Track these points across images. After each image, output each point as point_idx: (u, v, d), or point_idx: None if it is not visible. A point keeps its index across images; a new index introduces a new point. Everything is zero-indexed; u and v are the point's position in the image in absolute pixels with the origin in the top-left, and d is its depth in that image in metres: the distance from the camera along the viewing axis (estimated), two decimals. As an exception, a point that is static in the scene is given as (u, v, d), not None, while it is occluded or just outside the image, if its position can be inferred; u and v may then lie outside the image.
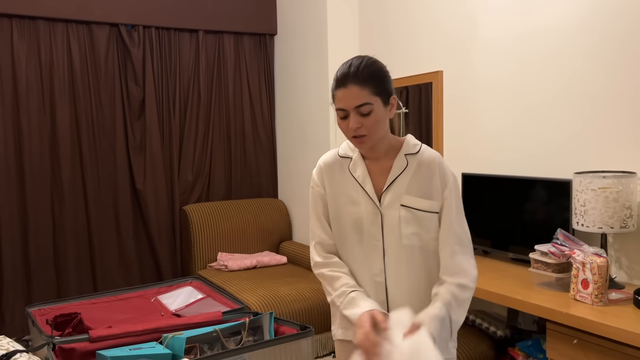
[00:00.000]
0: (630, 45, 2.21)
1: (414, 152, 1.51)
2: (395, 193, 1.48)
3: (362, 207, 1.50)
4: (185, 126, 4.17)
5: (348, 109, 1.40)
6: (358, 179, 1.52)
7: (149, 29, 3.98)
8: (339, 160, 1.57)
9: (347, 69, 1.42)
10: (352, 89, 1.39)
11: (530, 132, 2.64)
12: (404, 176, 1.49)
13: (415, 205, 1.47)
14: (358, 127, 1.40)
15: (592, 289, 1.98)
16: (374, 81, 1.40)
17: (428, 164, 1.50)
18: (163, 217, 4.06)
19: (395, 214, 1.47)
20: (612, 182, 2.10)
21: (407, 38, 3.37)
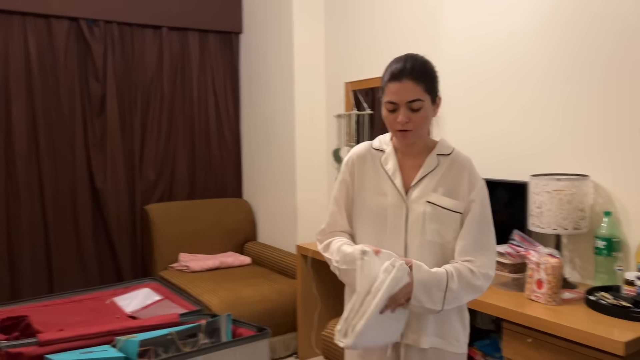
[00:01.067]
0: (584, 53, 2.26)
1: (446, 153, 1.55)
2: (423, 189, 1.51)
3: (389, 198, 1.52)
4: (147, 124, 4.09)
5: (400, 102, 1.45)
6: (388, 172, 1.55)
7: (110, 25, 3.89)
8: (371, 152, 1.61)
9: (403, 64, 1.46)
10: (406, 84, 1.43)
11: (490, 135, 2.68)
12: (433, 175, 1.52)
13: (441, 203, 1.50)
14: (406, 121, 1.44)
15: (546, 288, 2.02)
16: (427, 79, 1.46)
17: (459, 166, 1.53)
18: (123, 217, 3.97)
19: (420, 209, 1.49)
20: (566, 185, 2.15)
21: (373, 39, 3.38)
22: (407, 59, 1.47)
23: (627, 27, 2.11)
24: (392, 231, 1.52)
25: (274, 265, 3.80)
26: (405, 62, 1.46)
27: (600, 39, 2.21)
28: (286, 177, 3.86)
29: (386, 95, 1.48)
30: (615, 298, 1.96)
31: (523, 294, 2.13)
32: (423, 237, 1.49)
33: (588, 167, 2.27)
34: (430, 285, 1.41)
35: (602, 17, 2.19)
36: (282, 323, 3.33)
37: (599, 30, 2.21)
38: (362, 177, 1.59)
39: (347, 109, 3.57)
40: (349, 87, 3.55)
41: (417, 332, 1.51)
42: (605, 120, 2.21)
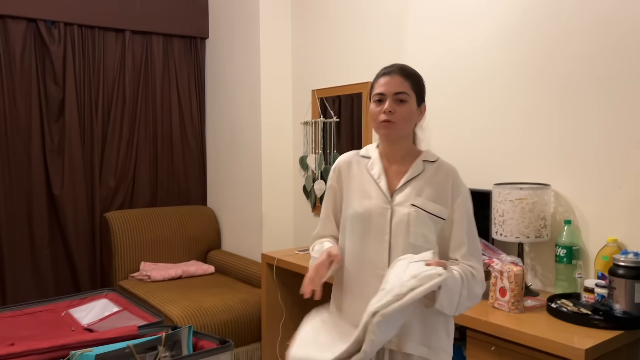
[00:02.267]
0: (546, 66, 2.31)
1: (432, 160, 1.60)
2: (408, 193, 1.54)
3: (374, 200, 1.56)
4: (108, 129, 3.98)
5: (387, 93, 1.52)
6: (374, 176, 1.60)
7: (70, 27, 3.78)
8: (357, 158, 1.67)
9: (394, 65, 1.59)
10: (395, 77, 1.53)
11: (454, 144, 2.71)
12: (419, 180, 1.56)
13: (425, 207, 1.52)
14: (391, 111, 1.51)
15: (509, 296, 2.04)
16: (415, 80, 1.57)
17: (444, 173, 1.57)
18: (82, 225, 3.85)
19: (404, 212, 1.52)
20: (528, 194, 2.18)
21: (340, 47, 3.38)
22: (397, 63, 1.61)
23: (589, 41, 2.17)
24: (377, 232, 1.54)
25: (239, 274, 3.74)
26: (395, 64, 1.59)
27: (562, 53, 2.26)
28: (252, 185, 3.82)
29: (375, 88, 1.57)
30: (575, 305, 1.99)
31: (487, 302, 2.14)
32: (407, 239, 1.51)
33: (549, 176, 2.31)
34: (452, 292, 1.43)
35: (565, 31, 2.25)
36: (246, 333, 3.27)
37: (561, 44, 2.26)
38: (349, 182, 1.64)
39: (314, 117, 3.56)
40: (316, 94, 3.54)
41: (400, 337, 1.50)
42: (566, 131, 2.25)
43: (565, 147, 2.25)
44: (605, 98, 2.12)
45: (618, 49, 2.07)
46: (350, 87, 3.28)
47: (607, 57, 2.11)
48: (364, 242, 1.55)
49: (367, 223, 1.55)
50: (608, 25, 2.10)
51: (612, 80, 2.10)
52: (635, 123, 2.03)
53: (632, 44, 2.03)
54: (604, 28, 2.11)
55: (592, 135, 2.16)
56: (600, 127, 2.14)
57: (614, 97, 2.09)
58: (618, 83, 2.08)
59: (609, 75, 2.10)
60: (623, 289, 1.85)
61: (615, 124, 2.09)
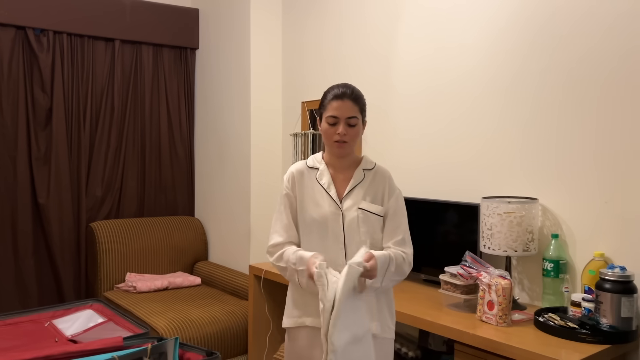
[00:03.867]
0: (535, 79, 2.34)
1: (370, 167, 1.90)
2: (354, 199, 1.83)
3: (327, 208, 1.82)
4: (96, 138, 3.96)
5: (341, 117, 1.78)
6: (324, 186, 1.85)
7: (60, 35, 3.76)
8: (307, 170, 1.90)
9: (345, 88, 1.81)
10: (347, 103, 1.78)
11: (443, 157, 2.72)
12: (361, 186, 1.85)
13: (370, 209, 1.83)
14: (345, 134, 1.78)
15: (497, 310, 2.04)
16: (361, 103, 1.83)
17: (380, 178, 1.88)
18: (67, 235, 3.80)
19: (353, 215, 1.81)
20: (516, 208, 2.20)
21: (329, 59, 3.40)
22: (347, 85, 1.83)
23: (579, 59, 2.20)
24: (333, 236, 1.82)
25: (225, 285, 3.71)
26: (346, 88, 1.81)
27: (551, 67, 2.29)
28: (240, 196, 3.80)
29: (328, 111, 1.80)
30: (563, 319, 2.00)
31: (474, 315, 2.14)
32: (358, 238, 1.81)
33: (537, 190, 2.33)
34: (381, 268, 1.72)
35: (558, 44, 2.28)
36: (233, 346, 3.24)
37: (549, 59, 2.29)
38: (302, 191, 1.87)
39: (304, 128, 3.56)
40: (306, 106, 3.55)
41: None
42: (553, 145, 2.28)
43: (552, 161, 2.28)
44: (592, 113, 2.15)
45: (607, 66, 2.11)
46: (340, 99, 3.28)
47: (597, 73, 2.14)
48: (323, 243, 1.82)
49: (324, 227, 1.81)
50: (598, 41, 2.14)
51: (600, 95, 2.13)
52: (623, 138, 2.06)
53: (621, 61, 2.07)
54: (592, 44, 2.15)
55: (579, 150, 2.19)
56: (587, 142, 2.16)
57: (602, 112, 2.12)
58: (606, 98, 2.11)
59: (597, 91, 2.14)
60: (609, 303, 1.87)
61: (603, 139, 2.12)
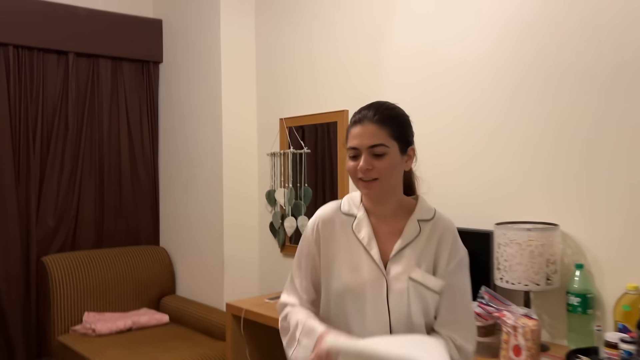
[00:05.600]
0: (554, 93, 2.12)
1: (427, 218, 1.38)
2: (405, 263, 1.33)
3: (366, 274, 1.33)
4: (47, 161, 3.54)
5: (361, 147, 1.30)
6: (362, 241, 1.35)
7: (5, 47, 3.36)
8: (340, 216, 1.41)
9: (367, 109, 1.34)
10: (368, 126, 1.30)
11: (446, 179, 2.46)
12: (415, 245, 1.34)
13: (425, 282, 1.32)
14: (368, 168, 1.29)
15: (525, 356, 1.77)
16: (393, 124, 1.32)
17: (441, 234, 1.36)
18: (14, 271, 3.35)
19: (402, 287, 1.31)
20: (536, 235, 1.95)
21: (310, 72, 3.12)
22: (372, 105, 1.36)
23: (600, 68, 1.99)
24: (373, 312, 1.31)
25: (197, 323, 3.33)
26: (369, 107, 1.34)
27: (570, 81, 2.07)
28: (212, 222, 3.45)
29: (349, 140, 1.34)
30: (599, 364, 1.75)
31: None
32: (409, 319, 1.31)
33: (555, 215, 2.09)
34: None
35: (574, 59, 2.06)
36: (208, 394, 2.87)
37: (569, 71, 2.07)
38: (332, 248, 1.39)
39: (283, 147, 3.25)
40: (284, 123, 3.24)
41: None
42: (573, 164, 2.05)
43: (573, 182, 2.04)
44: (619, 130, 1.93)
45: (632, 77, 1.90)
46: (322, 115, 3.00)
47: (622, 85, 1.93)
48: (358, 320, 1.32)
49: (361, 300, 1.32)
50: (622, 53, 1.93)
51: (627, 110, 1.91)
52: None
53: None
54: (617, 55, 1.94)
55: (605, 170, 1.96)
56: (614, 161, 1.94)
57: (630, 128, 1.90)
58: (635, 113, 1.89)
59: (624, 105, 1.92)
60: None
61: (631, 158, 1.90)
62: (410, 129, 1.38)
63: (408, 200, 1.41)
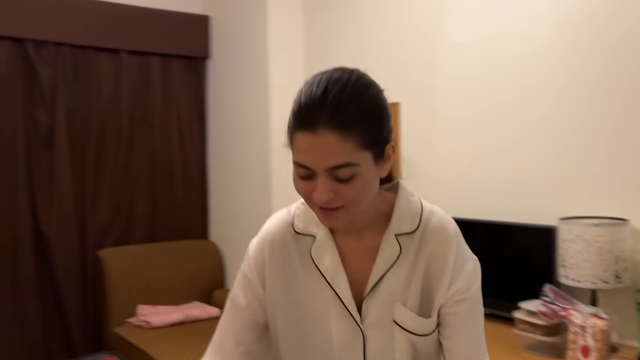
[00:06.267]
0: (615, 74, 2.01)
1: (410, 230, 0.94)
2: (384, 301, 0.93)
3: (333, 322, 0.94)
4: (102, 158, 3.63)
5: (317, 169, 0.83)
6: (326, 274, 0.95)
7: (61, 47, 3.45)
8: (294, 238, 0.99)
9: (320, 96, 0.81)
10: (324, 137, 0.80)
11: (504, 172, 2.38)
12: (397, 270, 0.93)
13: (414, 328, 0.94)
14: (331, 197, 0.84)
15: (594, 357, 1.69)
16: (364, 124, 0.82)
17: (435, 250, 0.95)
18: (72, 265, 3.45)
19: (385, 337, 0.94)
20: (605, 231, 1.85)
21: (355, 59, 3.06)
22: (327, 86, 0.83)
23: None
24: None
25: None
26: (324, 93, 0.82)
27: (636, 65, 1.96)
28: (260, 217, 3.43)
29: (294, 149, 0.86)
30: (675, 367, 1.65)
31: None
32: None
33: (623, 209, 1.98)
34: None
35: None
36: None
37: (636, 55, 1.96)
38: (283, 283, 0.98)
39: (331, 142, 3.23)
40: (333, 117, 3.21)
41: None
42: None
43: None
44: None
45: None
46: (373, 109, 2.95)
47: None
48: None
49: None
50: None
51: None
52: None
53: None
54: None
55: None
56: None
57: None
58: None
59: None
60: None
61: None
62: (388, 120, 0.88)
63: (384, 200, 0.97)
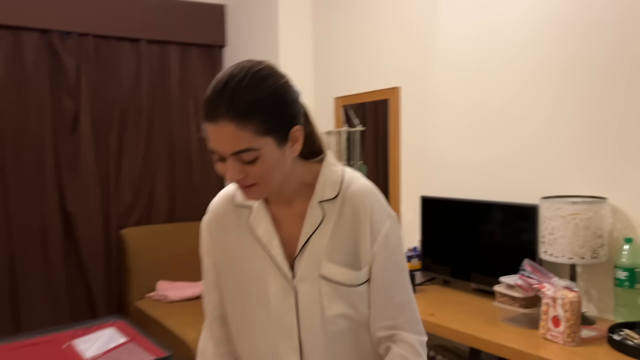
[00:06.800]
0: (600, 66, 2.06)
1: (331, 196, 1.07)
2: (312, 259, 1.06)
3: (269, 281, 1.07)
4: (124, 142, 3.84)
5: (224, 154, 0.96)
6: (261, 240, 1.08)
7: (84, 37, 3.65)
8: (234, 211, 1.13)
9: (219, 89, 0.94)
10: (224, 127, 0.92)
11: (493, 153, 2.46)
12: (321, 233, 1.06)
13: (339, 278, 1.05)
14: (241, 176, 0.97)
15: (563, 327, 1.78)
16: (259, 114, 0.93)
17: (354, 210, 1.06)
18: (97, 243, 3.69)
19: (314, 290, 1.05)
20: (582, 209, 1.92)
21: (364, 52, 3.17)
22: (227, 80, 0.94)
23: (646, 33, 1.92)
24: (279, 327, 1.07)
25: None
26: (223, 86, 0.94)
27: (621, 53, 2.00)
28: (272, 199, 3.61)
29: (208, 140, 0.97)
30: (643, 338, 1.72)
31: (537, 332, 1.89)
32: (323, 327, 1.06)
33: (604, 188, 2.04)
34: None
35: (622, 30, 1.99)
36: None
37: (619, 43, 2.01)
38: (227, 250, 1.13)
39: (337, 126, 3.34)
40: (339, 102, 3.33)
41: None
42: (624, 134, 1.99)
43: (622, 153, 1.99)
44: (670, 98, 1.86)
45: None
46: (375, 93, 3.06)
47: (672, 51, 1.85)
48: (261, 341, 1.09)
49: (265, 312, 1.08)
50: (672, 15, 1.84)
51: (678, 78, 1.84)
52: None
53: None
54: (667, 19, 1.85)
55: (655, 141, 1.90)
56: (665, 132, 1.87)
57: (681, 97, 1.83)
58: (685, 81, 1.82)
59: (674, 72, 1.84)
60: (703, 321, 1.58)
61: (683, 128, 1.83)
62: (289, 107, 0.99)
63: (309, 171, 1.09)
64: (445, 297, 2.40)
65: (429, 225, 2.67)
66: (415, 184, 2.85)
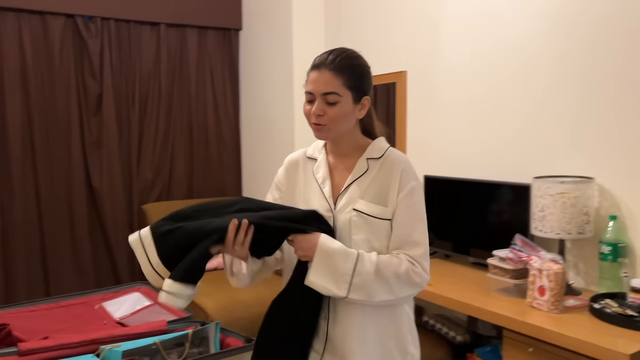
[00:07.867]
0: (591, 53, 2.17)
1: (377, 156, 1.43)
2: (350, 197, 1.40)
3: (319, 210, 1.40)
4: (144, 122, 4.03)
5: (315, 93, 1.35)
6: (318, 180, 1.46)
7: (107, 21, 3.83)
8: (305, 161, 1.52)
9: (326, 54, 1.38)
10: (324, 74, 1.34)
11: (492, 135, 2.60)
12: (362, 180, 1.41)
13: (367, 211, 1.37)
14: (320, 114, 1.35)
15: (548, 296, 1.94)
16: (349, 73, 1.36)
17: (389, 169, 1.40)
18: (120, 216, 3.92)
19: (346, 217, 1.38)
20: (570, 188, 2.06)
21: (375, 34, 3.30)
22: (332, 51, 1.38)
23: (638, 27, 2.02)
24: None
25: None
26: (329, 53, 1.38)
27: (609, 39, 2.12)
28: (285, 177, 3.79)
29: (306, 84, 1.39)
30: (621, 306, 1.88)
31: (524, 301, 2.05)
32: (349, 247, 1.36)
33: (593, 169, 2.18)
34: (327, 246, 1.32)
35: (612, 17, 2.10)
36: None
37: (608, 30, 2.12)
38: (294, 188, 1.50)
39: (347, 107, 3.49)
40: (349, 84, 3.46)
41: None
42: (612, 118, 2.12)
43: (610, 136, 2.12)
44: (655, 85, 1.97)
45: (670, 32, 1.92)
46: (383, 76, 3.19)
47: (658, 40, 1.96)
48: None
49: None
50: (659, 6, 1.95)
51: (663, 65, 1.95)
52: (689, 112, 1.88)
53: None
54: (655, 9, 1.96)
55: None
56: (650, 117, 2.00)
57: (666, 83, 1.95)
58: (670, 69, 1.93)
59: (660, 60, 1.96)
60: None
61: (667, 113, 1.95)
62: (367, 80, 1.41)
63: (365, 140, 1.47)
64: (445, 270, 2.57)
65: (432, 202, 2.82)
66: (421, 164, 2.99)
